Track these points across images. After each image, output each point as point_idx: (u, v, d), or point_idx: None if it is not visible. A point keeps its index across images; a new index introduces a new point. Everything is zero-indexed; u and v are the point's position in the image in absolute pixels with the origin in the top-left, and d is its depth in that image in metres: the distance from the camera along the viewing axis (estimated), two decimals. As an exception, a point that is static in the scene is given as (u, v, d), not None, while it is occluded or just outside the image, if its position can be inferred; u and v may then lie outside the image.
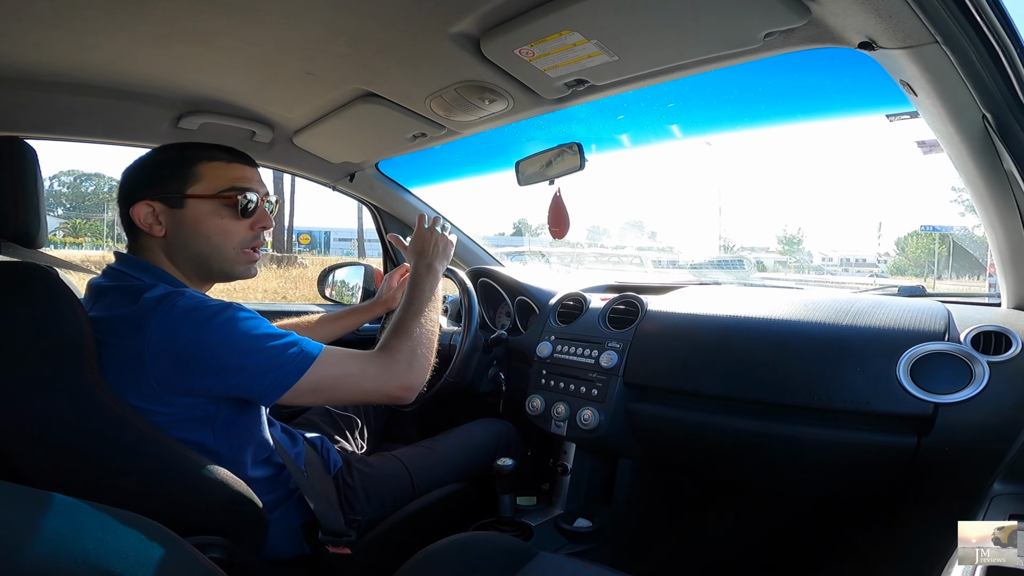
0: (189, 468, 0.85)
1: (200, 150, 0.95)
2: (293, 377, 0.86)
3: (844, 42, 0.85)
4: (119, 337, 0.83)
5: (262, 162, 1.62)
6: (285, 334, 0.89)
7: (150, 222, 0.91)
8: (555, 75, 1.07)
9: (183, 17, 0.92)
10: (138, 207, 0.90)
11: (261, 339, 0.86)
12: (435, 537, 0.88)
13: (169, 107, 1.31)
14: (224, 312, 0.85)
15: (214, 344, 0.83)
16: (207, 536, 0.83)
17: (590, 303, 1.48)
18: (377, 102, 1.26)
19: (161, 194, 0.91)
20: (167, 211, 0.91)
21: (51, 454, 0.80)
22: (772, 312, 1.13)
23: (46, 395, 0.79)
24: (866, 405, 0.95)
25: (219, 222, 0.93)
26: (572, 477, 1.38)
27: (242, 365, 0.84)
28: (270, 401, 0.87)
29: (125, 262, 0.93)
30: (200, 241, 0.93)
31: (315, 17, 0.93)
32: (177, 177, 0.92)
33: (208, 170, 0.93)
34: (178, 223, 0.92)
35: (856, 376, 0.97)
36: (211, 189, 0.93)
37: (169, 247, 0.93)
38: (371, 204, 2.01)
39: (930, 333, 0.98)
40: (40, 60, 1.05)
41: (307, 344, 0.90)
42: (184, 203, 0.92)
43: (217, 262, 0.95)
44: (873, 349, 0.99)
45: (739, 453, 1.15)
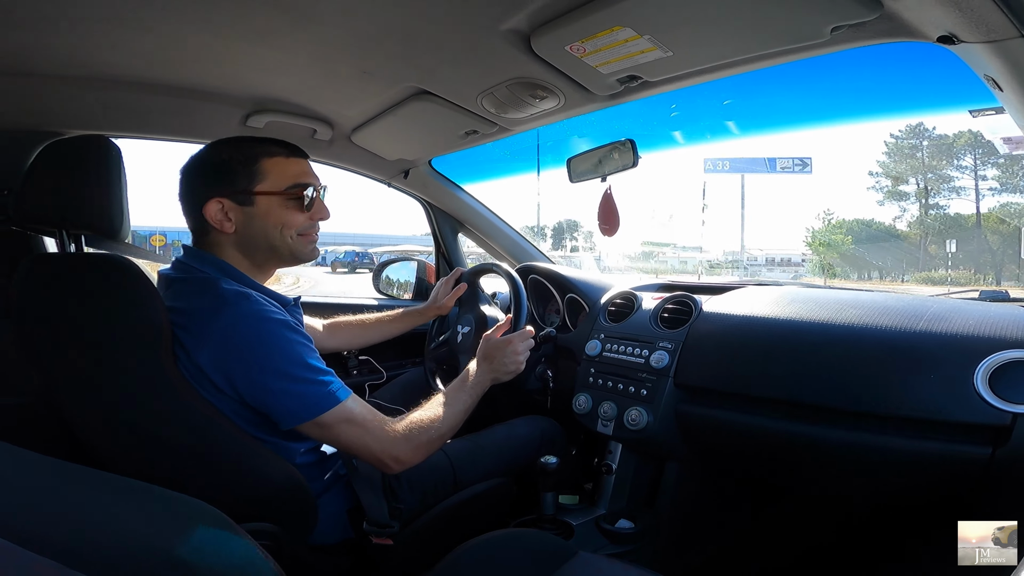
0: (247, 454, 0.89)
1: (259, 146, 0.99)
2: (312, 413, 0.89)
3: (921, 36, 0.80)
4: (188, 327, 0.88)
5: (322, 159, 1.68)
6: (325, 370, 0.92)
7: (220, 219, 0.95)
8: (607, 71, 1.06)
9: (248, 18, 0.96)
10: (209, 205, 0.95)
11: (301, 368, 0.90)
12: (476, 532, 0.89)
13: (239, 106, 1.37)
14: (279, 329, 0.90)
15: (260, 356, 0.87)
16: (260, 523, 0.86)
17: (641, 302, 1.45)
18: (430, 100, 1.28)
19: (230, 192, 0.95)
20: (236, 208, 0.96)
21: (125, 437, 0.86)
22: (838, 314, 1.08)
23: (125, 379, 0.85)
24: (938, 414, 0.90)
25: (285, 215, 0.98)
26: (616, 477, 1.36)
27: (273, 387, 0.88)
28: (285, 425, 0.90)
29: (192, 255, 0.98)
30: (269, 233, 0.98)
31: (369, 16, 0.95)
32: (244, 175, 0.96)
33: (271, 166, 0.98)
34: (248, 219, 0.96)
35: (929, 383, 0.92)
36: (278, 186, 0.97)
37: (239, 241, 0.97)
38: (424, 200, 2.05)
39: (1012, 340, 0.91)
40: (122, 61, 1.11)
41: (337, 387, 0.92)
42: (253, 200, 0.96)
43: (287, 248, 1.00)
44: (949, 356, 0.93)
45: (795, 459, 1.12)
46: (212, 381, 0.88)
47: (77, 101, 1.25)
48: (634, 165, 1.48)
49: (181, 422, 0.86)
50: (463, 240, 2.18)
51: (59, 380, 0.87)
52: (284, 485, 0.92)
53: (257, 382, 0.87)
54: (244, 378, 0.87)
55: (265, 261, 1.01)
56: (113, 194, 0.95)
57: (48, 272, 0.89)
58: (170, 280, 0.97)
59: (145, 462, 0.86)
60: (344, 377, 1.72)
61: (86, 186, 0.93)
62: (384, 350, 1.79)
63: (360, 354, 1.79)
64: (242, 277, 0.97)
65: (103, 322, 0.86)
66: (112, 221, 0.95)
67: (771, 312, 1.17)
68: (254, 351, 0.87)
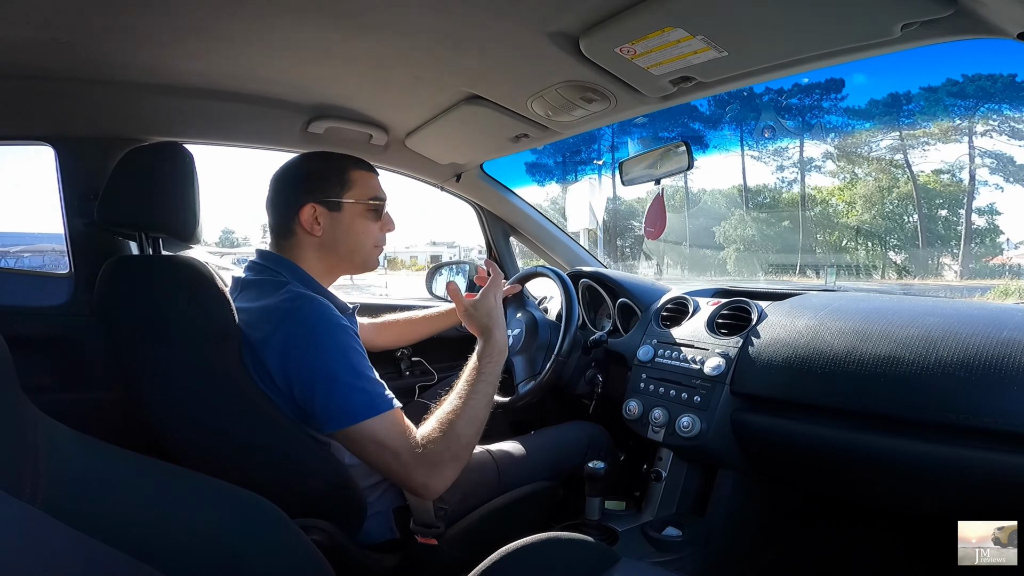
0: (303, 451, 0.93)
1: (346, 159, 1.08)
2: (349, 420, 0.88)
3: (1000, 33, 0.75)
4: (257, 325, 0.93)
5: (378, 164, 1.71)
6: (374, 379, 0.92)
7: (312, 223, 1.02)
8: (659, 72, 1.04)
9: (310, 28, 1.00)
10: (304, 210, 1.02)
11: (352, 374, 0.90)
12: (520, 534, 0.89)
13: (300, 112, 1.43)
14: (339, 333, 0.92)
15: (316, 357, 0.90)
16: (312, 519, 0.90)
17: (696, 307, 1.42)
18: (481, 104, 1.29)
19: (323, 198, 1.03)
20: (327, 213, 1.03)
21: (195, 431, 0.91)
22: (913, 322, 1.02)
23: (195, 375, 0.90)
24: (1019, 427, 0.84)
25: (364, 224, 1.07)
26: (666, 485, 1.34)
27: (321, 389, 0.89)
28: (325, 429, 0.90)
29: (267, 258, 1.04)
30: (350, 240, 1.06)
31: (419, 23, 0.97)
32: (337, 183, 1.04)
33: (358, 177, 1.06)
34: (335, 224, 1.04)
35: (1014, 394, 0.86)
36: (363, 196, 1.06)
37: (323, 245, 1.04)
38: (475, 204, 2.07)
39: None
40: (194, 69, 1.17)
41: (380, 398, 0.91)
42: (342, 206, 1.04)
43: (360, 256, 1.09)
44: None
45: (861, 471, 1.06)
46: (273, 379, 0.92)
47: (155, 109, 1.32)
48: (689, 168, 1.44)
49: (245, 418, 0.90)
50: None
51: (136, 375, 0.92)
52: (336, 483, 0.95)
53: (306, 382, 0.90)
54: (298, 377, 0.90)
55: (338, 265, 1.08)
56: (187, 198, 1.00)
57: (127, 273, 0.95)
58: (244, 283, 1.03)
59: (213, 456, 0.90)
60: (396, 377, 1.77)
61: (163, 191, 0.98)
62: (436, 352, 1.82)
63: (413, 355, 1.83)
64: (311, 281, 1.02)
65: (176, 320, 0.91)
66: (186, 225, 1.00)
67: (839, 319, 1.11)
68: (312, 351, 0.90)
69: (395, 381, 1.76)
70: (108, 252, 1.24)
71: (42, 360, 1.33)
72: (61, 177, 1.34)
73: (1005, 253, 18.14)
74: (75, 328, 1.34)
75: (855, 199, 19.03)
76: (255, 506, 0.65)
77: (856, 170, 19.31)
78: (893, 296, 1.36)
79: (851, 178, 19.38)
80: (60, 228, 1.36)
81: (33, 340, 1.32)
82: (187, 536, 0.55)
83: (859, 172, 19.29)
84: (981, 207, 17.88)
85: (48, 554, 0.40)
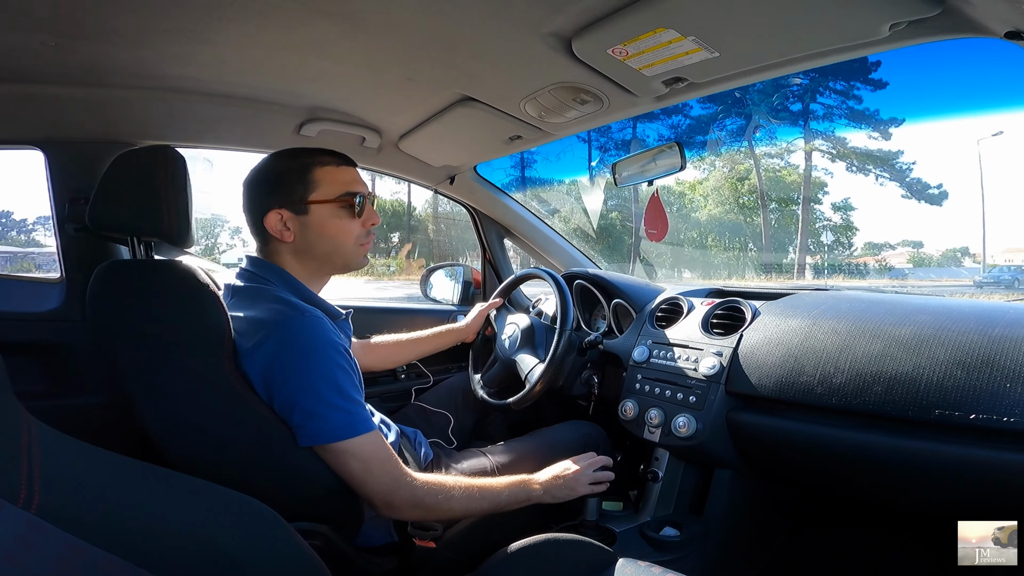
0: (301, 455, 0.92)
1: (311, 156, 1.03)
2: (328, 438, 0.90)
3: (987, 32, 0.76)
4: (246, 333, 0.93)
5: (370, 166, 1.72)
6: (356, 400, 0.94)
7: (280, 229, 1.00)
8: (651, 74, 1.05)
9: (301, 29, 0.99)
10: (270, 216, 1.00)
11: (336, 393, 0.91)
12: (518, 536, 0.89)
13: (293, 115, 1.42)
14: (326, 350, 0.92)
15: (299, 372, 0.90)
16: (310, 523, 0.89)
17: (691, 307, 1.42)
18: (474, 106, 1.29)
19: (287, 202, 1.00)
20: (294, 217, 1.00)
21: (189, 435, 0.91)
22: (905, 320, 1.03)
23: (188, 380, 0.90)
24: (1012, 423, 0.85)
25: (338, 223, 1.02)
26: (663, 485, 1.34)
27: (300, 404, 0.89)
28: (301, 442, 0.91)
29: (255, 264, 1.03)
30: (325, 242, 1.02)
31: (411, 23, 0.97)
32: (299, 185, 1.00)
33: (323, 175, 1.02)
34: (304, 227, 1.01)
35: (1006, 391, 0.87)
36: (329, 194, 1.01)
37: (297, 250, 1.02)
38: (469, 206, 2.07)
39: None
40: (185, 73, 1.17)
41: (360, 420, 0.92)
42: (308, 209, 1.00)
43: (340, 258, 1.05)
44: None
45: (857, 469, 1.07)
46: (254, 389, 0.91)
47: (146, 112, 1.31)
48: (681, 168, 1.45)
49: (240, 423, 0.90)
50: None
51: (130, 380, 0.91)
52: (333, 487, 0.94)
53: (288, 396, 0.90)
54: (280, 390, 0.90)
55: (320, 269, 1.06)
56: (179, 203, 0.98)
57: (119, 278, 0.94)
58: (235, 290, 1.02)
59: (207, 460, 0.90)
60: (392, 381, 1.77)
61: (154, 195, 0.97)
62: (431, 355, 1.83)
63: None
64: (299, 287, 1.01)
65: (169, 325, 0.90)
66: (179, 229, 0.99)
67: (832, 318, 1.13)
68: (296, 367, 0.90)
69: (391, 384, 1.76)
70: (99, 257, 1.23)
71: (35, 366, 1.32)
72: (51, 181, 1.33)
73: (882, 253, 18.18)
74: (67, 333, 1.33)
75: (708, 192, 18.71)
76: (252, 510, 0.64)
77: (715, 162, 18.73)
78: (886, 295, 1.37)
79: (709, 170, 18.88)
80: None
81: (25, 346, 1.30)
82: (184, 541, 0.55)
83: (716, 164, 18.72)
84: (836, 203, 17.69)
85: (44, 560, 0.40)
